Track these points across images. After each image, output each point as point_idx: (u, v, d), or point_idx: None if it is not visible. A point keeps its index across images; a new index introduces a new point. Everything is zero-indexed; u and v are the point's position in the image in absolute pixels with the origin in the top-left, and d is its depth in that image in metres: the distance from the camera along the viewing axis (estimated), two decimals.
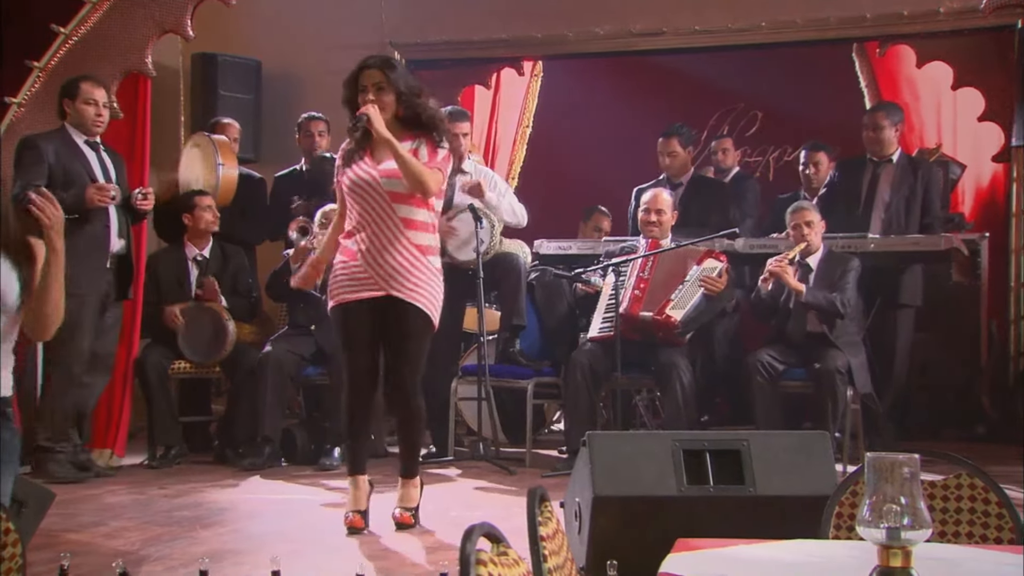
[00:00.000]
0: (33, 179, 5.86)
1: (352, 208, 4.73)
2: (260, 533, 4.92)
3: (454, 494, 5.84)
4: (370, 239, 4.65)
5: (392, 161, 4.62)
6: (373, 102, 4.62)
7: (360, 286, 4.68)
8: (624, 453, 3.82)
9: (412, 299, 4.66)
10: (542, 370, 6.79)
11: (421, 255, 4.69)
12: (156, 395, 6.56)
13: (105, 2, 6.28)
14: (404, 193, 4.64)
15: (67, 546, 4.36)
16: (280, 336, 6.75)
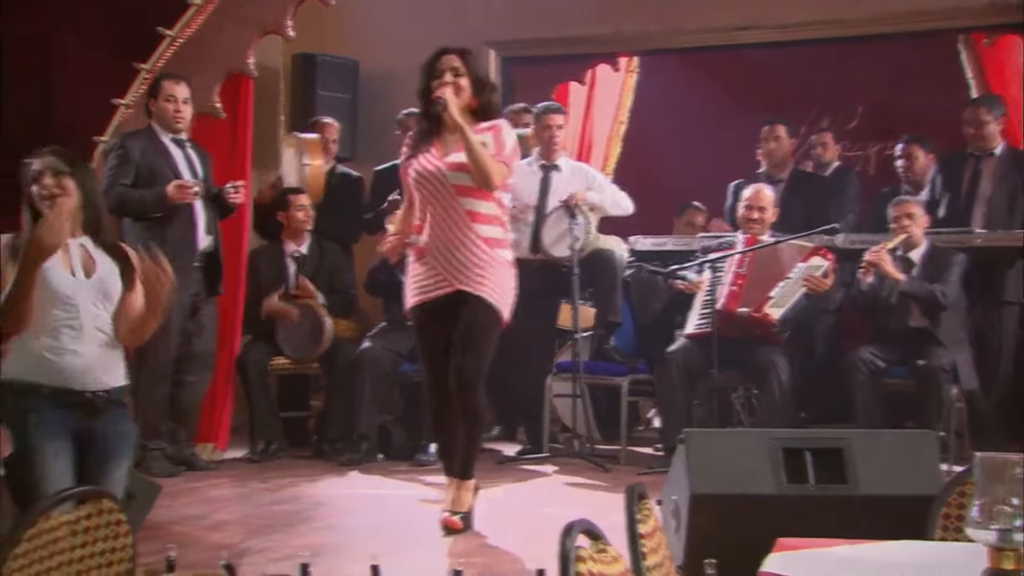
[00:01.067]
0: (120, 179, 5.98)
1: (418, 200, 4.69)
2: (358, 528, 4.96)
3: (549, 490, 5.84)
4: (436, 233, 4.62)
5: (459, 154, 4.58)
6: (450, 84, 4.60)
7: (431, 286, 4.66)
8: (722, 451, 3.80)
9: (478, 291, 4.59)
10: (637, 367, 6.76)
11: (488, 248, 4.63)
12: (256, 391, 6.66)
13: (209, 4, 6.38)
14: (469, 186, 4.59)
15: (173, 538, 4.42)
16: (377, 332, 6.80)
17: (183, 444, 6.27)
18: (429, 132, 4.69)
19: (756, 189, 6.44)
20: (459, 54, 4.68)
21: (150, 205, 5.96)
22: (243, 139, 6.69)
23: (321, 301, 6.71)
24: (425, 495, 5.67)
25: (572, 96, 9.11)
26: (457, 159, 4.59)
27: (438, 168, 4.62)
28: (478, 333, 4.61)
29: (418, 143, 4.72)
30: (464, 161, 4.56)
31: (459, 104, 4.59)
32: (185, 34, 6.37)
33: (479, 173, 4.55)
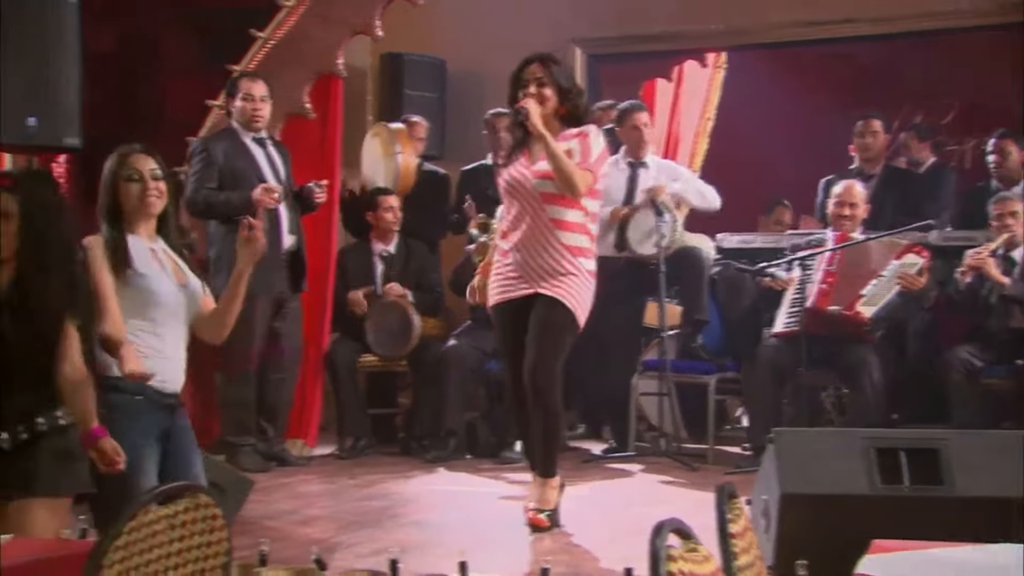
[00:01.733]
0: (206, 182, 6.08)
1: (507, 207, 4.78)
2: (446, 524, 5.00)
3: (636, 489, 5.83)
4: (522, 239, 4.68)
5: (544, 162, 4.61)
6: (533, 95, 4.63)
7: (513, 287, 4.72)
8: (813, 450, 3.76)
9: (555, 293, 4.63)
10: (725, 365, 6.70)
11: (572, 256, 4.66)
12: (345, 388, 6.72)
13: (301, 5, 6.46)
14: (554, 194, 4.63)
15: (264, 533, 4.50)
16: (463, 330, 6.84)
17: (273, 440, 6.35)
18: (521, 141, 4.76)
19: (847, 185, 6.36)
20: (542, 63, 4.70)
21: (236, 207, 6.04)
22: (332, 139, 6.76)
23: (409, 299, 6.75)
24: (511, 492, 5.68)
25: (659, 93, 9.04)
26: (543, 167, 4.63)
27: (525, 176, 4.67)
28: (551, 332, 4.64)
29: (512, 151, 4.79)
30: (549, 169, 4.60)
31: (543, 113, 4.62)
32: (277, 36, 6.46)
33: (563, 181, 4.58)
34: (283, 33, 6.48)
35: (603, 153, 4.79)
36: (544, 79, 4.67)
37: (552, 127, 4.64)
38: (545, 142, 4.57)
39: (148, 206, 3.77)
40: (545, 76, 4.67)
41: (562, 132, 4.68)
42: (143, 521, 2.52)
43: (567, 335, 4.70)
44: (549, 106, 4.66)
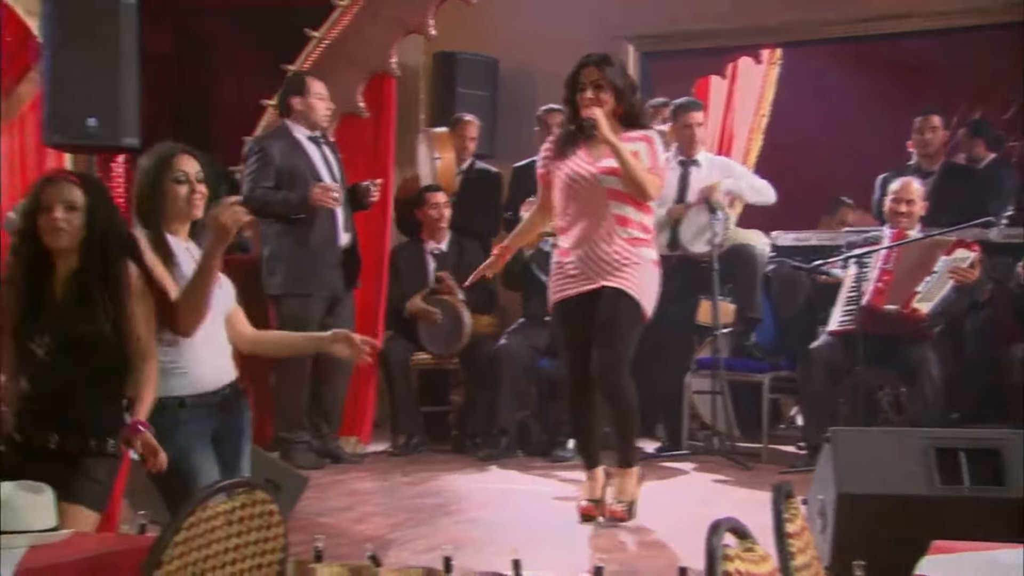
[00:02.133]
0: (262, 181, 6.12)
1: (565, 203, 4.77)
2: (498, 522, 4.99)
3: (689, 488, 5.80)
4: (584, 234, 4.70)
5: (610, 159, 4.64)
6: (592, 100, 4.66)
7: (575, 282, 4.74)
8: (870, 450, 3.73)
9: (621, 285, 4.65)
10: (779, 364, 6.65)
11: (633, 247, 4.69)
12: (398, 386, 6.76)
13: (355, 5, 6.50)
14: (620, 190, 4.66)
15: (319, 529, 4.51)
16: (515, 328, 6.84)
17: (327, 437, 6.40)
18: (576, 137, 4.76)
19: (904, 182, 6.29)
20: (598, 66, 4.71)
21: (294, 207, 6.09)
22: (386, 137, 6.79)
23: (461, 297, 6.77)
24: (562, 491, 5.68)
25: (712, 90, 9.02)
26: (609, 164, 4.66)
27: (590, 172, 4.70)
28: (619, 324, 4.67)
29: (564, 147, 4.79)
30: (615, 166, 4.63)
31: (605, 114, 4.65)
32: (331, 35, 6.51)
33: (634, 185, 4.64)
34: (337, 33, 6.52)
35: (666, 156, 4.84)
36: (600, 81, 4.69)
37: (612, 128, 4.66)
38: (616, 151, 4.61)
39: (194, 209, 3.78)
40: (601, 79, 4.69)
41: (624, 133, 4.70)
42: (201, 517, 2.55)
43: (635, 326, 4.73)
44: (606, 108, 4.68)
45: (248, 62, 6.77)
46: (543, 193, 4.92)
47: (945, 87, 8.71)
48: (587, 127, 4.67)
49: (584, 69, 4.71)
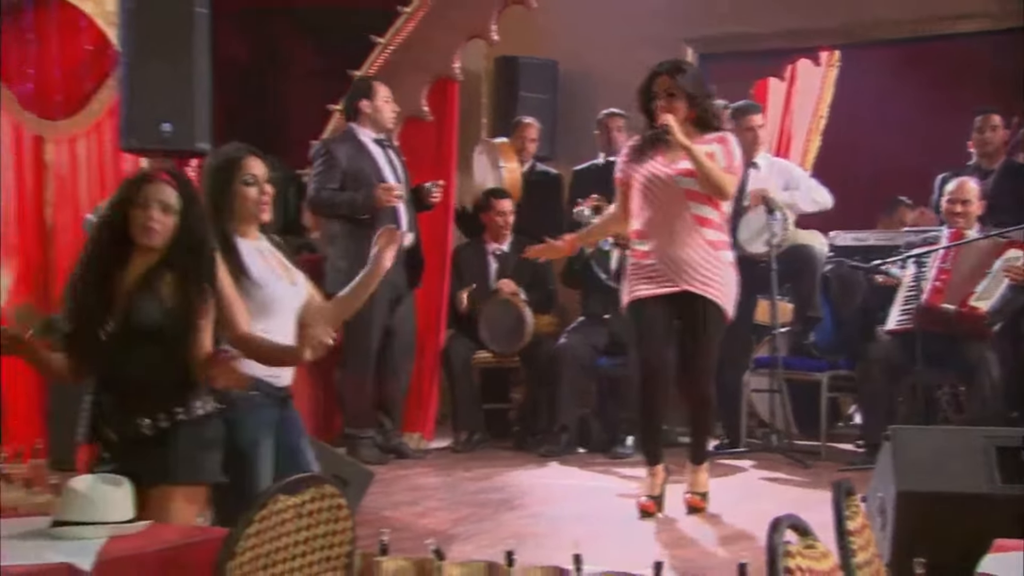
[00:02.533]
0: (328, 183, 6.16)
1: (643, 205, 4.81)
2: (559, 517, 4.99)
3: (748, 485, 5.77)
4: (664, 236, 4.73)
5: (687, 161, 4.68)
6: (666, 108, 4.70)
7: (655, 283, 4.77)
8: (930, 448, 3.71)
9: (706, 292, 4.73)
10: (837, 363, 6.61)
11: (713, 250, 4.75)
12: (460, 383, 6.78)
13: (419, 11, 6.53)
14: (698, 191, 4.71)
15: (384, 523, 4.54)
16: (575, 327, 6.84)
17: (391, 434, 6.43)
18: (652, 142, 4.82)
19: (960, 182, 6.23)
20: (670, 74, 4.78)
21: (360, 207, 6.13)
22: (448, 140, 6.82)
23: (523, 297, 6.78)
24: (622, 488, 5.68)
25: (771, 91, 8.97)
26: (685, 166, 4.71)
27: (667, 174, 4.75)
28: (708, 332, 4.79)
29: (641, 152, 4.85)
30: (692, 167, 4.68)
31: (677, 120, 4.70)
32: (396, 41, 6.54)
33: (711, 185, 4.69)
34: (402, 38, 6.55)
35: (741, 156, 4.92)
36: (672, 90, 4.75)
37: (688, 132, 4.71)
38: (692, 154, 4.65)
39: (263, 211, 3.83)
40: (673, 87, 4.75)
41: (699, 136, 4.76)
42: (272, 510, 2.58)
43: (720, 332, 4.85)
44: (680, 115, 4.72)
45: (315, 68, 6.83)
46: (621, 197, 4.99)
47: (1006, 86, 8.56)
48: (662, 133, 4.71)
49: (657, 78, 4.78)
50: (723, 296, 4.76)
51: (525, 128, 7.42)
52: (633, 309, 4.87)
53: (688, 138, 4.68)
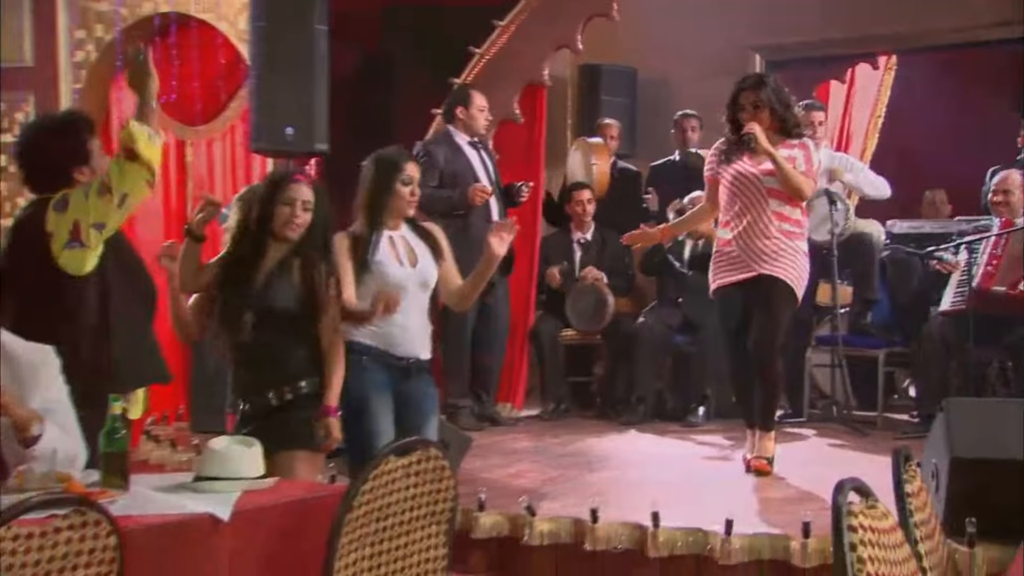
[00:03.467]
0: (427, 181, 6.15)
1: (730, 200, 4.87)
2: (638, 479, 4.98)
3: (810, 452, 5.69)
4: (746, 227, 4.79)
5: (770, 163, 4.74)
6: (751, 118, 4.77)
7: (736, 270, 4.84)
8: (982, 418, 3.66)
9: (778, 274, 4.76)
10: (893, 341, 6.51)
11: (788, 240, 4.79)
12: (548, 358, 6.78)
13: (512, 25, 6.52)
14: (779, 189, 4.77)
15: (482, 483, 4.56)
16: (651, 308, 6.81)
17: (487, 403, 6.45)
18: (739, 147, 4.86)
19: (1004, 175, 6.10)
20: (754, 88, 4.84)
21: (455, 204, 6.14)
22: (537, 141, 6.82)
23: (604, 281, 6.77)
24: (695, 452, 5.65)
25: (832, 93, 8.82)
26: (769, 166, 4.78)
27: (753, 174, 4.81)
28: (776, 310, 4.82)
29: (729, 154, 4.90)
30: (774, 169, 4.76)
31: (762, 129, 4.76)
32: (491, 52, 6.53)
33: (791, 187, 4.77)
34: (497, 49, 6.55)
35: (819, 161, 5.04)
36: (756, 102, 4.81)
37: (771, 139, 4.77)
38: (774, 160, 4.72)
39: (411, 207, 3.94)
40: (757, 100, 4.81)
41: (781, 142, 4.82)
42: (384, 470, 2.60)
43: (788, 309, 4.89)
44: (763, 124, 4.79)
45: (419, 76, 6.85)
46: (709, 192, 5.05)
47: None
48: (747, 140, 4.76)
49: (742, 92, 4.85)
50: (794, 279, 4.80)
51: (607, 128, 7.41)
52: (719, 294, 4.97)
53: (771, 145, 4.74)
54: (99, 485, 2.74)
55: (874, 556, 1.91)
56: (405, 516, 2.67)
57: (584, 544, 4.07)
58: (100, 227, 3.38)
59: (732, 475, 4.97)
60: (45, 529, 2.05)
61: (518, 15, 6.56)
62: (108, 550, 2.15)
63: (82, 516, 2.11)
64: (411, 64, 6.98)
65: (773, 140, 4.79)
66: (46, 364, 3.00)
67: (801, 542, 3.83)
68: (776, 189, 4.77)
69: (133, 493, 2.76)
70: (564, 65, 7.70)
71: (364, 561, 2.58)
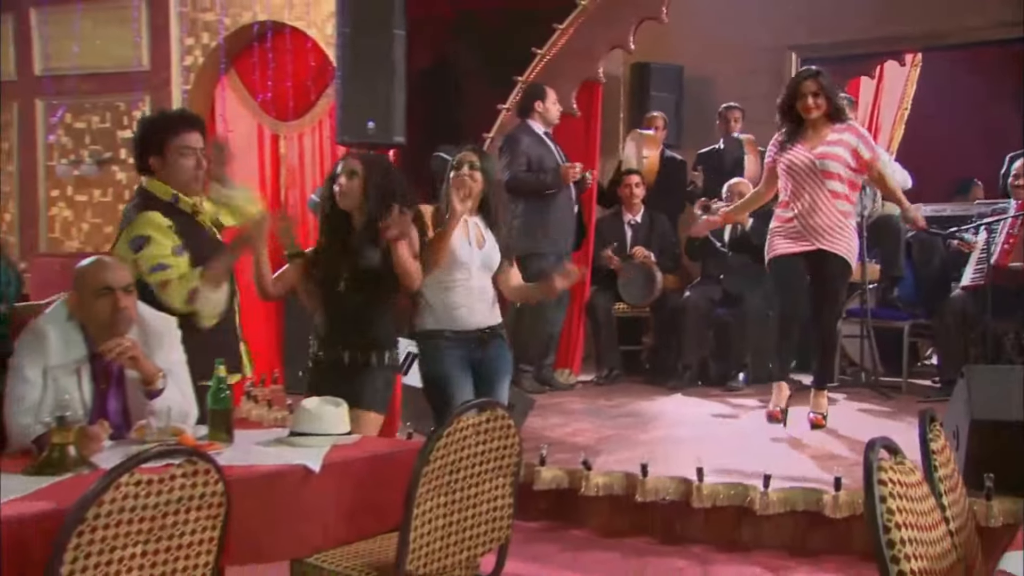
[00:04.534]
0: (518, 166, 6.13)
1: (788, 183, 4.86)
2: (684, 437, 4.96)
3: (840, 414, 5.60)
4: (804, 206, 4.79)
5: (824, 146, 4.76)
6: (813, 106, 4.75)
7: (794, 242, 4.83)
8: (999, 384, 3.60)
9: (835, 249, 4.77)
10: (917, 314, 6.39)
11: (843, 218, 4.80)
12: (602, 329, 6.75)
13: (571, 27, 6.47)
14: (832, 171, 4.75)
15: (542, 440, 4.58)
16: (696, 284, 6.75)
17: (547, 368, 6.45)
18: (795, 132, 4.85)
19: None
20: (814, 78, 4.82)
21: (548, 184, 6.09)
22: (593, 132, 6.77)
23: (652, 260, 6.72)
24: (736, 413, 5.60)
25: (862, 88, 8.66)
26: (823, 150, 4.77)
27: (809, 159, 4.79)
28: (835, 284, 4.88)
29: (787, 140, 4.88)
30: (828, 151, 4.76)
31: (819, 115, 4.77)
32: (551, 52, 6.49)
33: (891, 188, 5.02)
34: (557, 50, 6.50)
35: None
36: (817, 91, 4.78)
37: (822, 123, 4.78)
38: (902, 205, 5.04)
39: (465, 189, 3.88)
40: (819, 87, 4.79)
41: (830, 126, 4.81)
42: (457, 427, 2.61)
43: (844, 281, 4.95)
44: (822, 110, 4.78)
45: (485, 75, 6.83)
46: (768, 177, 5.05)
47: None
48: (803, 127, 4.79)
49: (804, 82, 4.82)
50: (849, 252, 4.81)
51: (654, 121, 7.36)
52: (776, 263, 4.94)
53: (822, 129, 4.76)
54: (207, 439, 2.79)
55: (902, 507, 1.88)
56: (475, 469, 2.68)
57: (635, 496, 4.07)
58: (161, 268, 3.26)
59: (770, 434, 4.92)
60: (162, 476, 2.09)
61: (576, 18, 6.50)
62: (216, 495, 2.18)
63: (194, 465, 2.14)
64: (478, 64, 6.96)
65: (824, 124, 4.78)
66: (169, 331, 3.05)
67: (832, 495, 3.80)
68: (830, 171, 4.74)
69: (236, 446, 2.81)
70: (617, 64, 7.64)
71: (439, 508, 2.60)
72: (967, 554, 2.17)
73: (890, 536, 1.80)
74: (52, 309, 2.94)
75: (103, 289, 2.85)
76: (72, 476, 2.42)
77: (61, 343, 2.84)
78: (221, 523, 2.19)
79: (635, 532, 4.06)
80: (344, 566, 2.69)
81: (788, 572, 3.61)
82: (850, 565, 3.63)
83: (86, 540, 1.96)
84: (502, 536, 2.79)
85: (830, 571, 3.60)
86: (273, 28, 7.71)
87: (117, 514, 2.00)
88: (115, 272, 2.90)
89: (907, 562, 1.80)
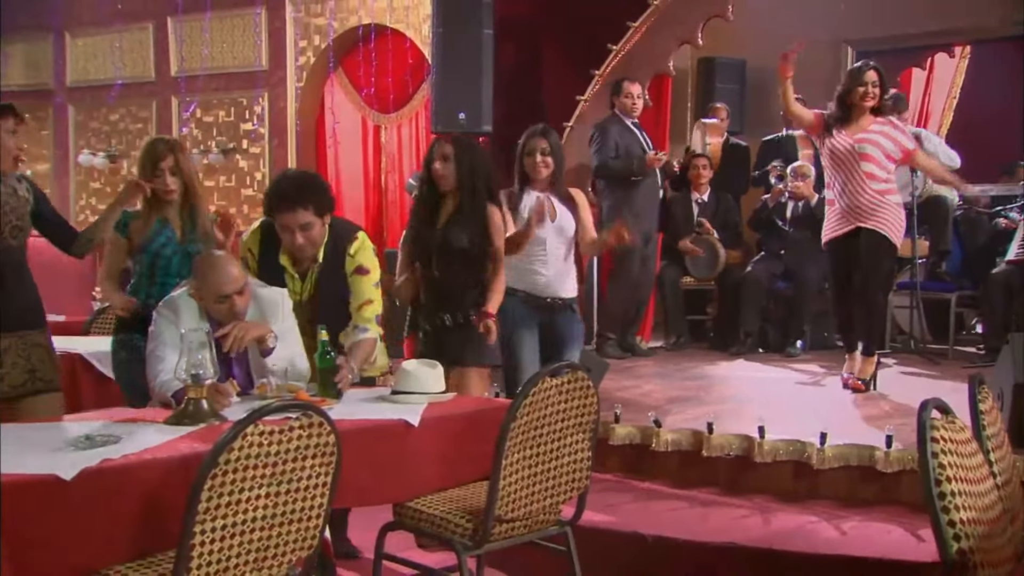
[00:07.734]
0: (607, 153, 6.06)
1: (831, 168, 4.74)
2: (747, 398, 4.88)
3: (890, 378, 5.46)
4: (846, 189, 4.67)
5: (863, 132, 4.64)
6: (873, 97, 4.65)
7: (839, 225, 4.75)
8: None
9: (876, 227, 4.64)
10: (964, 286, 6.19)
11: (883, 196, 4.65)
12: (671, 300, 6.68)
13: (643, 25, 6.38)
14: (871, 155, 4.62)
15: (617, 400, 4.55)
16: (758, 259, 6.62)
17: (631, 336, 6.36)
18: (841, 118, 4.73)
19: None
20: (877, 71, 4.71)
21: (635, 170, 6.03)
22: (664, 121, 6.71)
23: (717, 236, 6.61)
24: (795, 378, 5.49)
25: (914, 78, 8.37)
26: (861, 136, 4.67)
27: (849, 144, 4.69)
28: (878, 258, 4.74)
29: (828, 129, 4.77)
30: (866, 137, 4.66)
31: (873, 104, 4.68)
32: (626, 48, 6.40)
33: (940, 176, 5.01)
34: (631, 46, 6.41)
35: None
36: (878, 83, 4.69)
37: (865, 116, 4.69)
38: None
39: (538, 173, 3.87)
40: (880, 80, 4.70)
41: (871, 119, 4.71)
42: (541, 388, 2.61)
43: (887, 255, 4.80)
44: (876, 102, 4.69)
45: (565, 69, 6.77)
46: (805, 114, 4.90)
47: None
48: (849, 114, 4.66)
49: (867, 71, 4.70)
50: (891, 229, 4.67)
51: (718, 111, 7.25)
52: (829, 246, 4.87)
53: (864, 121, 4.65)
54: (318, 395, 2.84)
55: (953, 463, 1.84)
56: (557, 425, 2.68)
57: (701, 451, 4.03)
58: None
59: (826, 396, 4.83)
60: (282, 428, 2.13)
61: (648, 16, 6.38)
62: (329, 445, 2.22)
63: (309, 418, 2.18)
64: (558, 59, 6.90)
65: (868, 116, 4.68)
66: (281, 303, 3.10)
67: (884, 451, 3.71)
68: (868, 155, 4.63)
69: (345, 402, 2.85)
70: (685, 58, 7.51)
71: (525, 460, 2.61)
72: (1012, 506, 2.12)
73: (941, 488, 1.78)
74: (182, 291, 3.02)
75: (221, 297, 2.92)
76: (205, 427, 2.49)
77: (191, 316, 2.93)
78: (333, 470, 2.23)
79: (701, 484, 4.01)
80: (441, 509, 2.72)
81: (841, 521, 3.53)
82: (899, 515, 3.55)
83: (218, 482, 2.01)
84: (581, 486, 2.79)
85: (880, 520, 3.51)
86: (376, 30, 7.77)
87: (244, 460, 2.05)
88: (230, 282, 2.92)
89: (956, 512, 1.78)
